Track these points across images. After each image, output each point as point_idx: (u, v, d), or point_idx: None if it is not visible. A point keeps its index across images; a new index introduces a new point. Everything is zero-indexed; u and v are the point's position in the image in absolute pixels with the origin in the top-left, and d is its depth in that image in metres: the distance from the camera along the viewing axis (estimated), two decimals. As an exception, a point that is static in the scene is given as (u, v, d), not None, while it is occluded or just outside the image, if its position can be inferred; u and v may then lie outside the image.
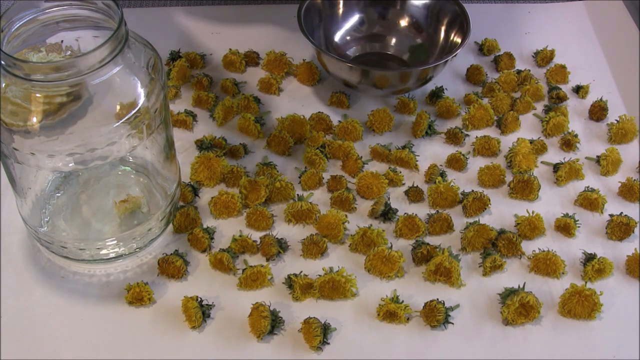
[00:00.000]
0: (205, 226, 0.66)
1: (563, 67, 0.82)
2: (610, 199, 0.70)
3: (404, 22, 0.83)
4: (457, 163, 0.72)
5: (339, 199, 0.68)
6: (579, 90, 0.80)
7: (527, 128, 0.77)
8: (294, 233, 0.66)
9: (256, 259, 0.64)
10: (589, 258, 0.64)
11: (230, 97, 0.79)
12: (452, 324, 0.60)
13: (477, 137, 0.74)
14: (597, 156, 0.73)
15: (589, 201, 0.68)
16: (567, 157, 0.72)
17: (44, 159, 0.54)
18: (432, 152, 0.74)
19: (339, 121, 0.75)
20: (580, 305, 0.60)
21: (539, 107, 0.79)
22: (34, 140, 0.53)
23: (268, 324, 0.58)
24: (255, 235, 0.65)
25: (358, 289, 0.62)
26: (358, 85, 0.76)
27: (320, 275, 0.61)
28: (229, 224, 0.67)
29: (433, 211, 0.68)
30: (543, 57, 0.83)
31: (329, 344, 0.59)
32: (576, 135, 0.74)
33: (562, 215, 0.67)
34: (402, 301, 0.61)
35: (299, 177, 0.70)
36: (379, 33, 0.84)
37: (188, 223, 0.66)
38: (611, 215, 0.67)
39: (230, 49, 0.83)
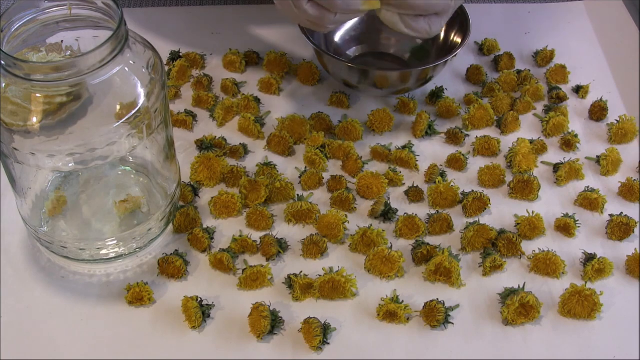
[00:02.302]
0: (205, 226, 0.66)
1: (563, 67, 0.82)
2: (610, 199, 0.69)
3: (404, 22, 0.83)
4: (457, 163, 0.72)
5: (339, 199, 0.68)
6: (579, 90, 0.80)
7: (527, 128, 0.77)
8: (294, 233, 0.66)
9: (256, 259, 0.64)
10: (589, 258, 0.63)
11: (230, 97, 0.79)
12: (452, 324, 0.60)
13: (477, 137, 0.74)
14: (597, 156, 0.73)
15: (589, 201, 0.68)
16: (567, 157, 0.72)
17: (44, 159, 0.54)
18: (432, 152, 0.74)
19: (339, 121, 0.75)
20: (580, 305, 0.60)
21: (539, 107, 0.79)
22: (34, 140, 0.53)
23: (268, 324, 0.58)
24: (255, 235, 0.65)
25: (358, 289, 0.62)
26: (358, 85, 0.76)
27: (320, 275, 0.61)
28: (229, 224, 0.67)
29: (433, 211, 0.68)
30: (543, 57, 0.83)
31: (329, 344, 0.59)
32: (576, 135, 0.74)
33: (562, 215, 0.67)
34: (402, 301, 0.61)
35: (299, 177, 0.70)
36: (379, 33, 0.83)
37: (188, 223, 0.66)
38: (611, 215, 0.67)
39: (230, 49, 0.83)
